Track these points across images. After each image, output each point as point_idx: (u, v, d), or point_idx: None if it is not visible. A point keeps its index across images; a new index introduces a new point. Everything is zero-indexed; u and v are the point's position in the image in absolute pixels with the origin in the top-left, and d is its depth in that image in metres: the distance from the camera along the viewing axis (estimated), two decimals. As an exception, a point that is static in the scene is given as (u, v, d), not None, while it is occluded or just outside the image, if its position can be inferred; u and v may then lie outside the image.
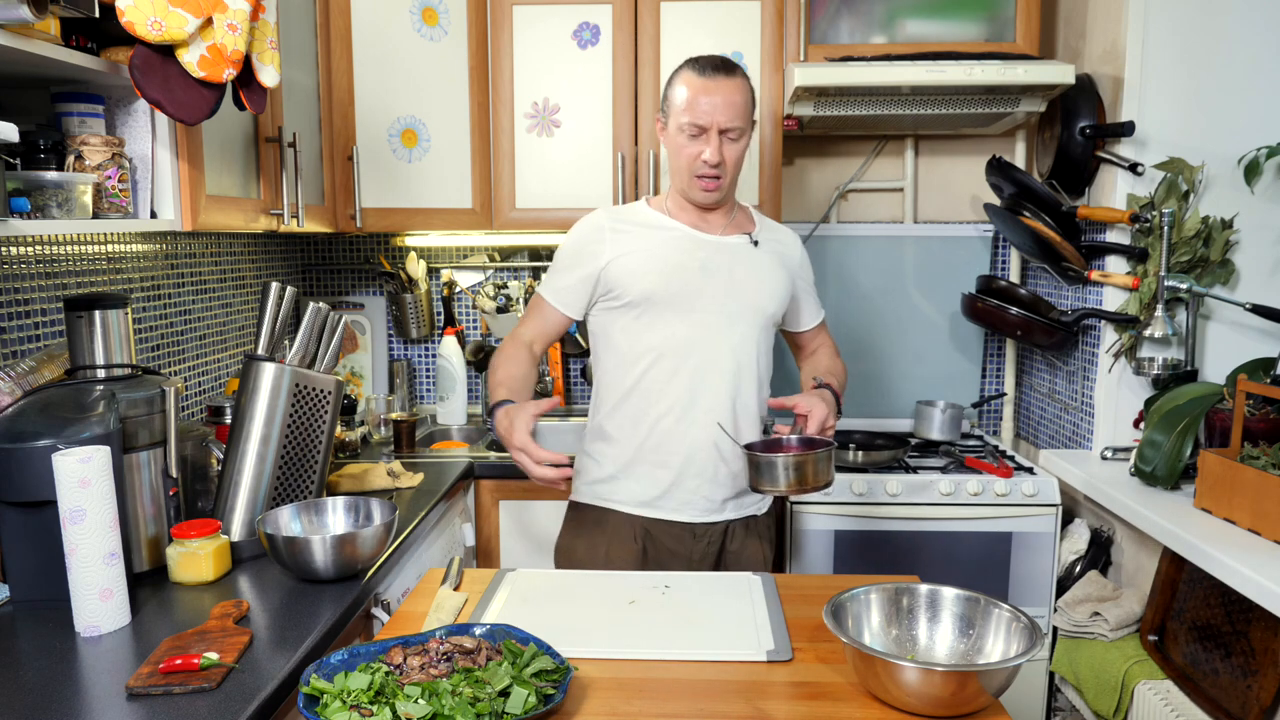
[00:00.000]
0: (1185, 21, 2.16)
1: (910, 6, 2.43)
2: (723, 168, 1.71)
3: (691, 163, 1.71)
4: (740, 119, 1.70)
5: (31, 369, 1.53)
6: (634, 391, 1.76)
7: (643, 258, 1.74)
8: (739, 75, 1.72)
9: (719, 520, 1.80)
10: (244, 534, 1.61)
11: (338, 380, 1.73)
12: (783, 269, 1.83)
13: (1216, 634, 1.82)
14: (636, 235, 1.77)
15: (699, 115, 1.68)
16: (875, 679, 1.11)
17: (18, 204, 1.31)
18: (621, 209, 1.85)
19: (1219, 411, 1.98)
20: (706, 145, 1.69)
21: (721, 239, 1.79)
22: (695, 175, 1.72)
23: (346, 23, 2.38)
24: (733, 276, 1.76)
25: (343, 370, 2.88)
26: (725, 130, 1.69)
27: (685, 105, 1.69)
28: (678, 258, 1.75)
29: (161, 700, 1.12)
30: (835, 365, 1.93)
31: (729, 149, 1.71)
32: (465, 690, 1.04)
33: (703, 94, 1.68)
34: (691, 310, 1.73)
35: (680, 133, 1.71)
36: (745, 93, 1.71)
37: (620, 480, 1.79)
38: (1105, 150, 2.27)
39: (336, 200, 2.39)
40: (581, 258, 1.77)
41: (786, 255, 1.86)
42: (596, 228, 1.79)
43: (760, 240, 1.82)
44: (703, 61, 1.71)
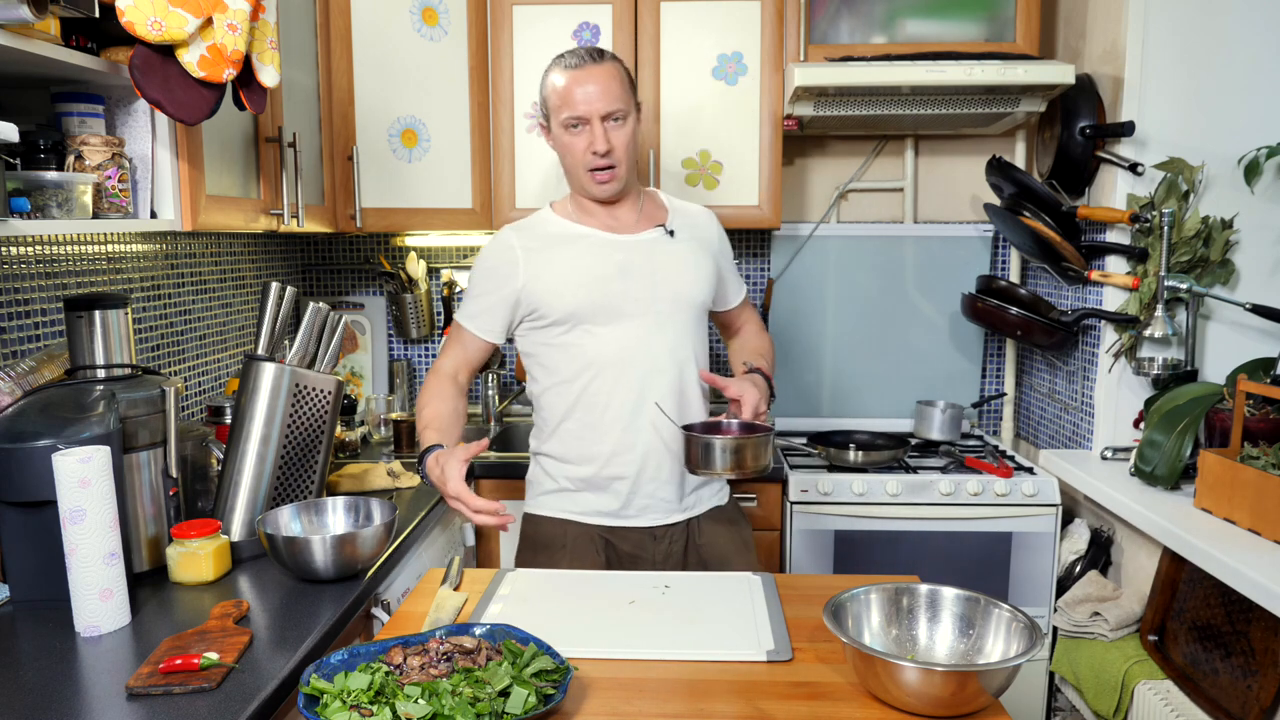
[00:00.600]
0: (1185, 21, 2.16)
1: (910, 6, 2.43)
2: (613, 155, 1.66)
3: (582, 157, 1.67)
4: (620, 101, 1.66)
5: (31, 369, 1.53)
6: (577, 407, 1.71)
7: (560, 274, 1.69)
8: (609, 59, 1.68)
9: (680, 520, 1.77)
10: (244, 534, 1.61)
11: (338, 380, 1.73)
12: (704, 253, 1.78)
13: (1216, 634, 1.81)
14: (549, 250, 1.72)
15: (576, 106, 1.65)
16: (875, 679, 1.11)
17: (18, 204, 1.31)
18: (527, 223, 1.79)
19: (1219, 411, 1.98)
20: (592, 136, 1.65)
21: (636, 237, 1.73)
22: (588, 170, 1.68)
23: (346, 23, 2.38)
24: (654, 274, 1.71)
25: (343, 370, 2.88)
26: (607, 115, 1.65)
27: (562, 100, 1.66)
28: (595, 266, 1.70)
29: (161, 700, 1.12)
30: (763, 344, 1.90)
31: (615, 134, 1.66)
32: (465, 690, 1.04)
33: (576, 85, 1.65)
34: (619, 317, 1.69)
35: (563, 130, 1.68)
36: (620, 76, 1.68)
37: (577, 494, 1.76)
38: (1105, 150, 2.27)
39: (336, 200, 2.39)
40: (495, 281, 1.73)
41: (704, 237, 1.81)
42: (506, 247, 1.73)
43: (676, 228, 1.77)
44: (570, 55, 1.69)
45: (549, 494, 1.79)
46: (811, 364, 2.84)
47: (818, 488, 2.31)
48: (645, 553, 1.75)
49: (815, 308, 2.82)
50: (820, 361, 2.84)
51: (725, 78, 2.47)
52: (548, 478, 1.79)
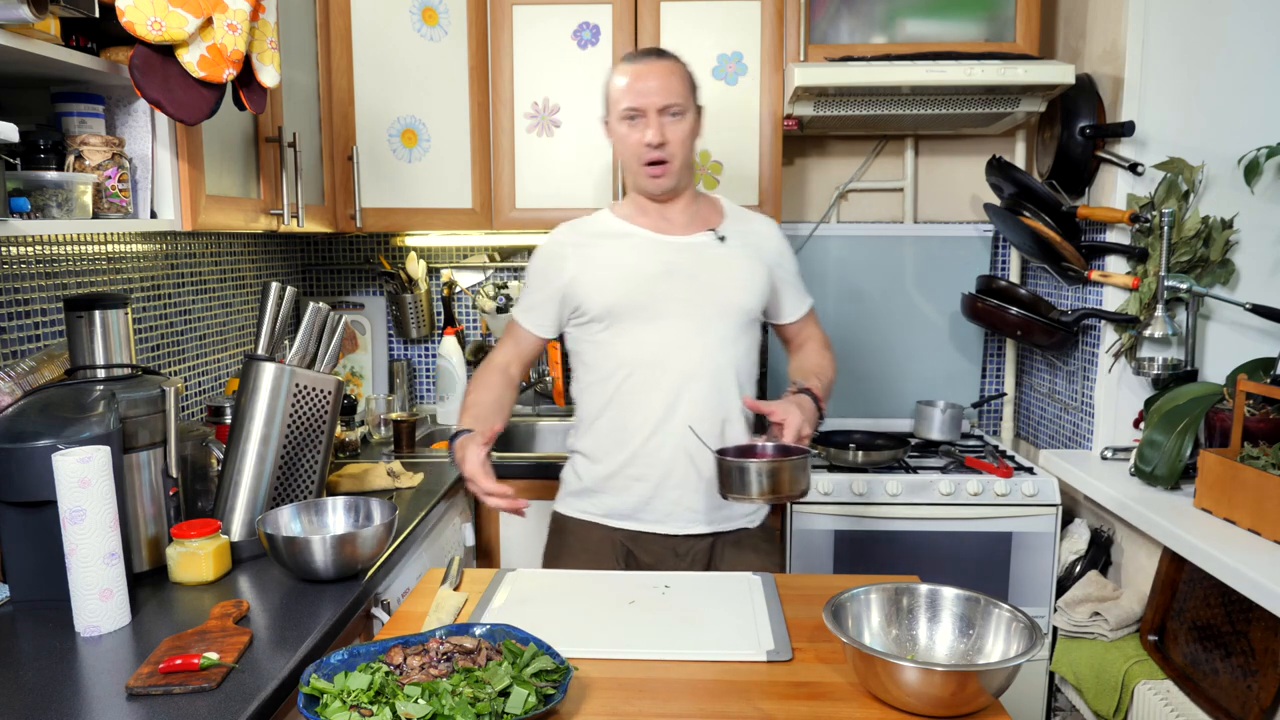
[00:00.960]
0: (1185, 21, 2.16)
1: (910, 6, 2.43)
2: (667, 148, 1.67)
3: (637, 150, 1.68)
4: (678, 96, 1.67)
5: (31, 369, 1.53)
6: (610, 406, 1.72)
7: (603, 270, 1.71)
8: (671, 58, 1.70)
9: (704, 533, 1.74)
10: (244, 534, 1.61)
11: (338, 380, 1.73)
12: (757, 261, 1.76)
13: (1216, 634, 1.81)
14: (597, 247, 1.74)
15: (635, 98, 1.66)
16: (875, 679, 1.11)
17: (18, 204, 1.31)
18: (583, 222, 1.81)
19: (1219, 411, 1.98)
20: (647, 127, 1.66)
21: (684, 239, 1.73)
22: (642, 163, 1.68)
23: (346, 23, 2.38)
24: (698, 277, 1.70)
25: (343, 370, 2.88)
26: (664, 109, 1.66)
27: (622, 93, 1.68)
28: (638, 265, 1.70)
29: (161, 700, 1.12)
30: (822, 361, 1.85)
31: (671, 128, 1.67)
32: (465, 690, 1.04)
33: (636, 79, 1.67)
34: (659, 317, 1.68)
35: (620, 122, 1.69)
36: (681, 73, 1.70)
37: (599, 494, 1.76)
38: (1105, 150, 2.27)
39: (336, 200, 2.39)
40: (546, 277, 1.76)
41: (761, 246, 1.79)
42: (558, 244, 1.77)
43: (729, 234, 1.76)
44: (634, 53, 1.72)
45: (574, 494, 1.80)
46: (811, 364, 2.84)
47: (818, 488, 2.31)
48: (665, 566, 1.74)
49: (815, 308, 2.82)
50: (820, 361, 2.84)
51: (725, 78, 2.47)
52: (576, 477, 1.81)
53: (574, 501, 1.80)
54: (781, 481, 1.49)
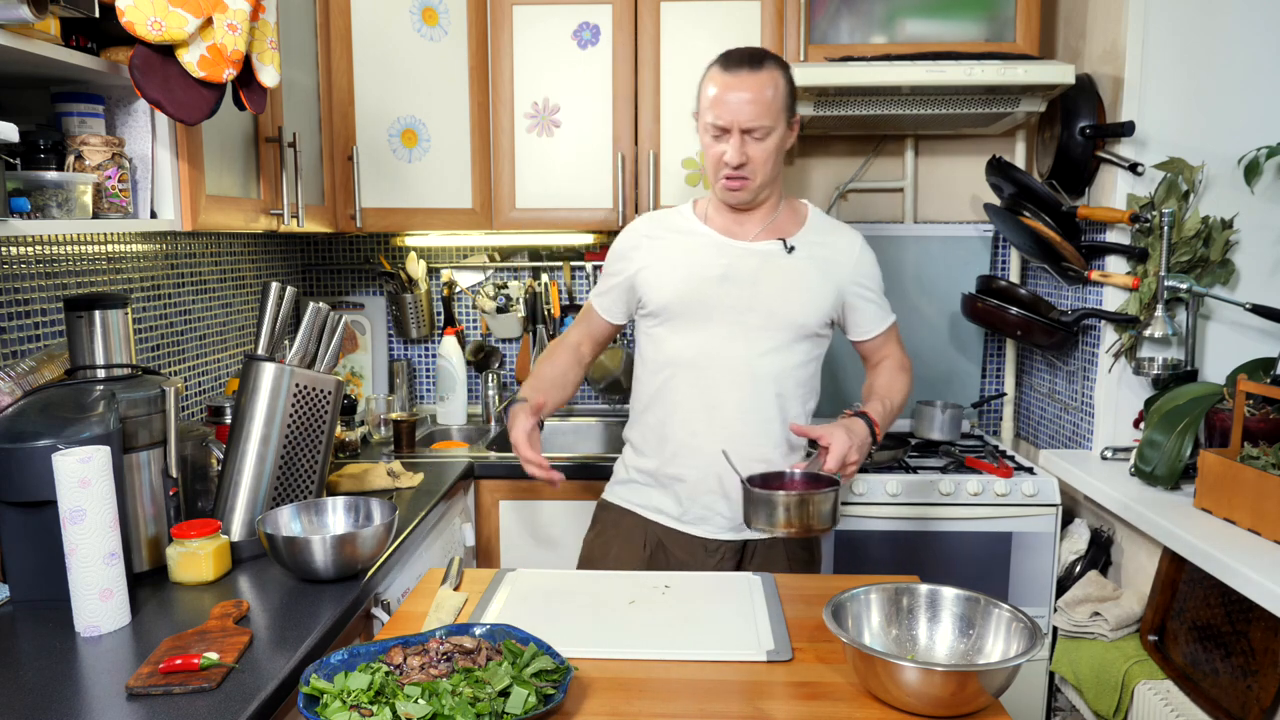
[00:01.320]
0: (1185, 21, 2.16)
1: (910, 6, 2.42)
2: (748, 168, 1.63)
3: (716, 164, 1.66)
4: (766, 117, 1.61)
5: (31, 369, 1.53)
6: (655, 402, 1.74)
7: (666, 265, 1.72)
8: (767, 68, 1.62)
9: (736, 539, 1.74)
10: (244, 534, 1.61)
11: (338, 380, 1.73)
12: (824, 277, 1.71)
13: (1216, 634, 1.81)
14: (668, 242, 1.74)
15: (720, 115, 1.62)
16: (875, 679, 1.11)
17: (18, 204, 1.31)
18: (664, 214, 1.82)
19: (1219, 411, 1.98)
20: (728, 147, 1.63)
21: (750, 245, 1.71)
22: (719, 176, 1.67)
23: (346, 23, 2.38)
24: (756, 286, 1.68)
25: (343, 370, 2.88)
26: (748, 130, 1.61)
27: (710, 104, 1.63)
28: (698, 266, 1.69)
29: (161, 700, 1.12)
30: (893, 384, 1.77)
31: (754, 148, 1.63)
32: (465, 690, 1.04)
33: (725, 92, 1.61)
34: (707, 321, 1.68)
35: (705, 133, 1.66)
36: (773, 87, 1.62)
37: (640, 485, 1.79)
38: (1105, 150, 2.27)
39: (336, 200, 2.39)
40: (619, 264, 1.78)
41: (836, 260, 1.73)
42: (635, 234, 1.79)
43: (800, 245, 1.71)
44: (731, 56, 1.64)
45: (622, 483, 1.84)
46: (811, 364, 2.84)
47: (818, 488, 2.31)
48: (695, 561, 1.74)
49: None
50: (820, 361, 2.84)
51: (725, 78, 2.47)
52: (624, 468, 1.84)
53: (618, 489, 1.84)
54: (808, 514, 1.42)
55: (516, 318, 2.88)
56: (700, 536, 1.74)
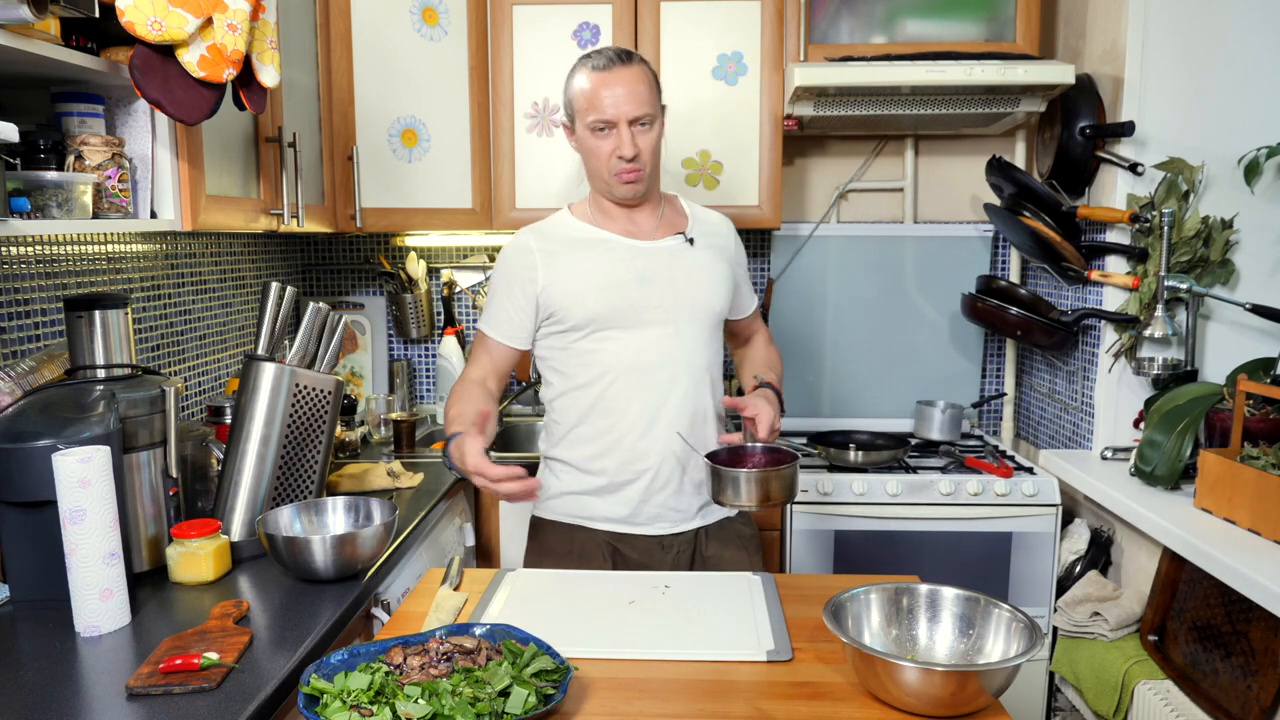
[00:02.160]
0: (1185, 21, 2.16)
1: (910, 6, 2.43)
2: (640, 158, 1.65)
3: (608, 161, 1.66)
4: (648, 105, 1.64)
5: (31, 369, 1.53)
6: (592, 412, 1.70)
7: (578, 278, 1.68)
8: (637, 62, 1.66)
9: (688, 529, 1.75)
10: (244, 534, 1.61)
11: (338, 380, 1.73)
12: (722, 261, 1.78)
13: (1216, 634, 1.81)
14: (568, 254, 1.71)
15: (604, 110, 1.63)
16: (875, 679, 1.11)
17: (18, 204, 1.31)
18: (546, 225, 1.78)
19: (1219, 411, 1.98)
20: (619, 140, 1.64)
21: (656, 244, 1.73)
22: (614, 173, 1.67)
23: (346, 23, 2.38)
24: (673, 282, 1.70)
25: (343, 370, 2.88)
26: (634, 120, 1.63)
27: (588, 103, 1.64)
28: (614, 272, 1.69)
29: (161, 700, 1.12)
30: (771, 355, 1.90)
31: (642, 138, 1.65)
32: (465, 690, 1.04)
33: (603, 88, 1.63)
34: (638, 325, 1.68)
35: (589, 133, 1.66)
36: (648, 79, 1.66)
37: (586, 498, 1.74)
38: (1105, 150, 2.27)
39: (336, 200, 2.39)
40: (515, 285, 1.72)
41: (723, 245, 1.81)
42: (524, 251, 1.72)
43: (695, 235, 1.76)
44: (597, 56, 1.66)
45: (556, 498, 1.77)
46: (811, 364, 2.84)
47: (818, 488, 2.31)
48: (652, 561, 1.74)
49: (815, 308, 2.82)
50: (820, 361, 2.84)
51: (725, 78, 2.47)
52: (556, 481, 1.78)
53: (555, 505, 1.77)
54: (775, 488, 1.53)
55: (516, 318, 2.88)
56: (654, 535, 1.73)
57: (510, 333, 1.74)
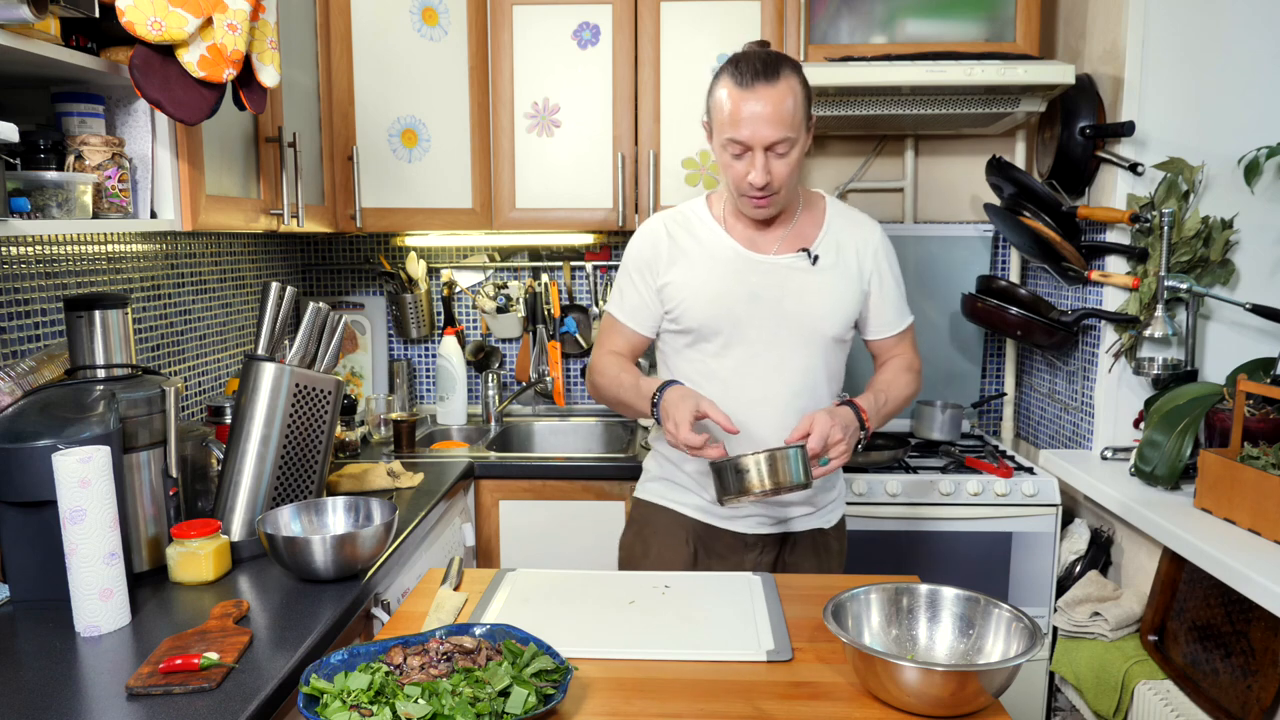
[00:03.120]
0: (1185, 21, 2.16)
1: (910, 6, 2.42)
2: (772, 185, 1.56)
3: (739, 182, 1.58)
4: (788, 129, 1.53)
5: (31, 369, 1.53)
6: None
7: (696, 282, 1.65)
8: (784, 77, 1.53)
9: (774, 532, 1.74)
10: (244, 534, 1.61)
11: (338, 380, 1.73)
12: (847, 281, 1.68)
13: (1216, 634, 1.81)
14: (692, 253, 1.67)
15: (740, 133, 1.53)
16: (875, 679, 1.11)
17: (18, 204, 1.31)
18: (680, 213, 1.73)
19: (1219, 411, 1.98)
20: (751, 166, 1.55)
21: (774, 259, 1.65)
22: (743, 194, 1.60)
23: (346, 23, 2.38)
24: (783, 304, 1.64)
25: (343, 370, 2.88)
26: (771, 146, 1.53)
27: (726, 120, 1.54)
28: (726, 284, 1.64)
29: (161, 700, 1.12)
30: (895, 380, 1.73)
31: (778, 165, 1.55)
32: (465, 690, 1.04)
33: (743, 108, 1.52)
34: (741, 342, 1.64)
35: (724, 150, 1.58)
36: (793, 96, 1.53)
37: (676, 485, 1.76)
38: (1105, 150, 2.27)
39: (336, 200, 2.39)
40: (644, 275, 1.69)
41: (860, 258, 1.69)
42: (654, 237, 1.70)
43: (824, 250, 1.66)
44: (743, 66, 1.54)
45: (655, 480, 1.80)
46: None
47: (818, 488, 2.31)
48: (735, 556, 1.73)
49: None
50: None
51: (725, 78, 2.47)
52: (657, 466, 1.80)
53: (654, 488, 1.80)
54: (777, 471, 1.43)
55: (516, 318, 2.88)
56: (740, 532, 1.73)
57: (641, 320, 1.72)
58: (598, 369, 1.72)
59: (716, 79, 1.59)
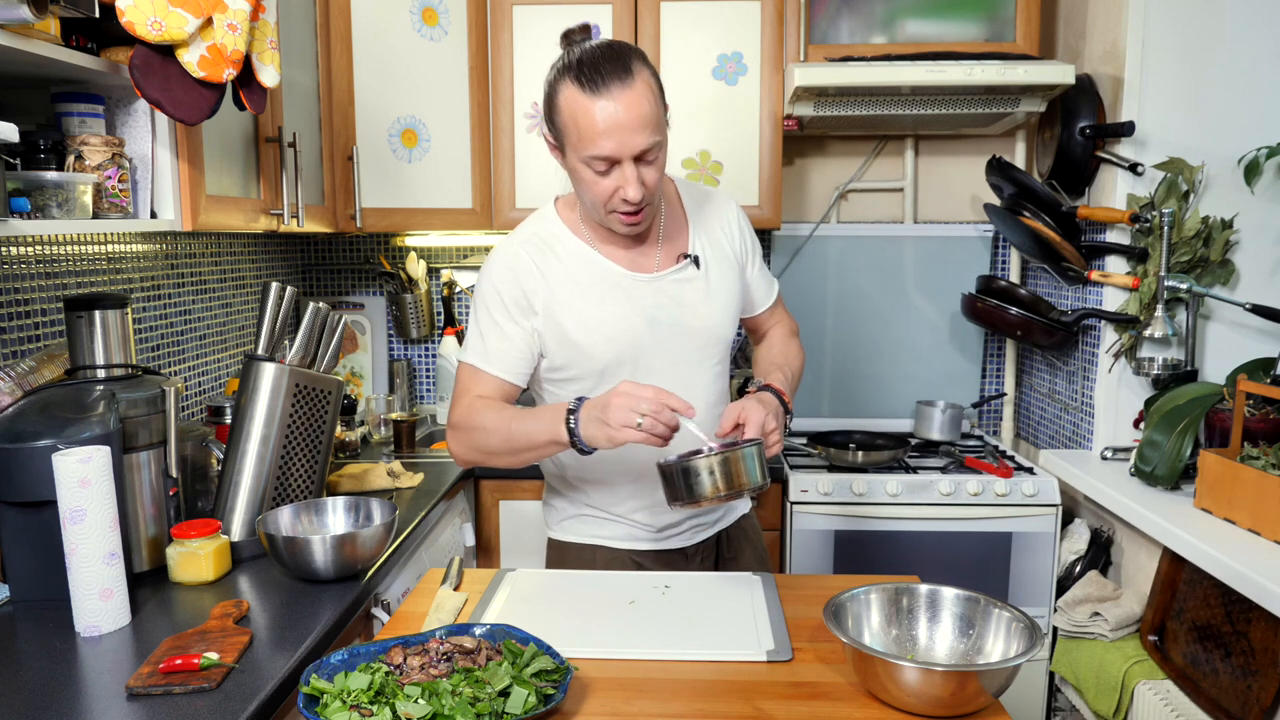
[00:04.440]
0: (1185, 21, 2.16)
1: (910, 6, 2.43)
2: (646, 196, 1.39)
3: (607, 200, 1.39)
4: (655, 131, 1.35)
5: (31, 369, 1.53)
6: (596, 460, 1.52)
7: (584, 318, 1.46)
8: (636, 71, 1.34)
9: (709, 536, 1.68)
10: (244, 534, 1.61)
11: (338, 380, 1.73)
12: (731, 273, 1.57)
13: (1216, 634, 1.81)
14: (567, 285, 1.47)
15: (604, 146, 1.33)
16: (875, 679, 1.11)
17: (18, 204, 1.31)
18: (536, 235, 1.51)
19: (1219, 411, 1.98)
20: (623, 181, 1.36)
21: (661, 276, 1.50)
22: (613, 210, 1.41)
23: (346, 23, 2.38)
24: (681, 320, 1.51)
25: (343, 370, 2.88)
26: (641, 155, 1.36)
27: (583, 135, 1.34)
28: (622, 316, 1.47)
29: (161, 700, 1.12)
30: (788, 351, 1.65)
31: (649, 173, 1.37)
32: (465, 690, 1.04)
33: (601, 117, 1.32)
34: (646, 371, 1.48)
35: (584, 166, 1.37)
36: (650, 92, 1.35)
37: (604, 522, 1.62)
38: (1105, 150, 2.27)
39: (336, 200, 2.39)
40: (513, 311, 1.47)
41: (729, 247, 1.58)
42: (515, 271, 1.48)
43: (701, 247, 1.54)
44: (588, 69, 1.33)
45: (572, 519, 1.65)
46: (811, 364, 2.84)
47: (818, 488, 2.31)
48: (675, 568, 1.64)
49: (815, 308, 2.82)
50: (820, 362, 2.84)
51: (725, 78, 2.47)
52: (568, 504, 1.65)
53: (574, 526, 1.65)
54: (735, 472, 1.27)
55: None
56: (678, 548, 1.65)
57: (512, 365, 1.49)
58: (468, 419, 1.44)
59: (556, 83, 1.37)
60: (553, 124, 1.41)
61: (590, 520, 1.63)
